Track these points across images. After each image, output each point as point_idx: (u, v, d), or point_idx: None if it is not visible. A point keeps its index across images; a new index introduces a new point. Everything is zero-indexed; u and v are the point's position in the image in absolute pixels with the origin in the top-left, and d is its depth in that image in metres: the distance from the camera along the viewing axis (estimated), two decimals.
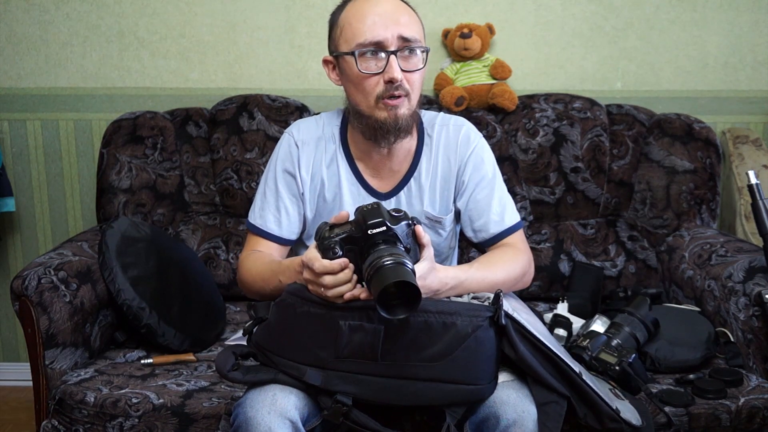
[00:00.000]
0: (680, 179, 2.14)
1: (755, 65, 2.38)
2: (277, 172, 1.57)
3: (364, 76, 1.43)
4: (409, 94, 1.44)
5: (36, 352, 1.66)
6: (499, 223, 1.56)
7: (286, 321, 1.31)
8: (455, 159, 1.57)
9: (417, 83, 1.46)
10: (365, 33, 1.41)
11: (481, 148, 1.60)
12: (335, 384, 1.27)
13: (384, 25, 1.41)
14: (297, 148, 1.56)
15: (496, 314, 1.27)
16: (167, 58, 2.40)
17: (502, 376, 1.34)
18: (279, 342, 1.32)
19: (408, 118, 1.46)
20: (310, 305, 1.28)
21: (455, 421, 1.28)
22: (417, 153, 1.57)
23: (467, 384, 1.28)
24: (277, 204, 1.56)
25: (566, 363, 1.31)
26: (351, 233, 1.26)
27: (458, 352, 1.26)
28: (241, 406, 1.28)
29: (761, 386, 1.61)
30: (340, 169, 1.56)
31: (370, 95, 1.44)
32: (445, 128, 1.59)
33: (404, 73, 1.42)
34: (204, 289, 1.99)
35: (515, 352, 1.29)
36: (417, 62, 1.44)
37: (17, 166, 2.45)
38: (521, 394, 1.30)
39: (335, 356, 1.26)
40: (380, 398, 1.27)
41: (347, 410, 1.26)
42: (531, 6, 2.36)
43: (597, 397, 1.31)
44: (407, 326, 1.25)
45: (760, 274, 1.72)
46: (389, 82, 1.42)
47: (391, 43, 1.41)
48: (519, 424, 1.26)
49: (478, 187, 1.57)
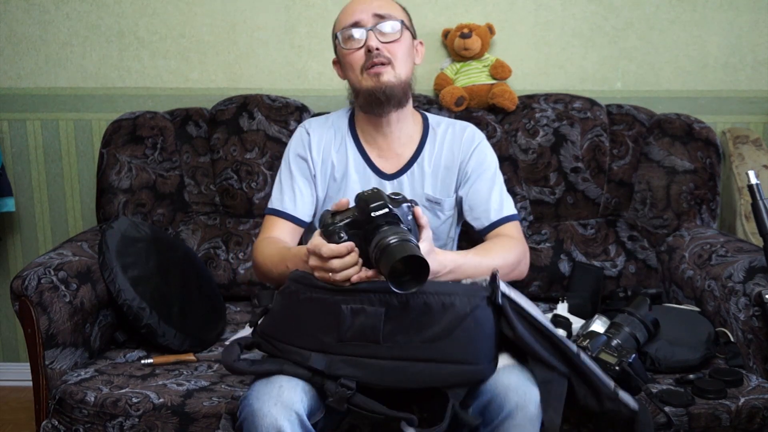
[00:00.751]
0: (680, 179, 2.14)
1: (755, 65, 2.38)
2: (291, 159, 1.72)
3: (348, 52, 1.63)
4: (392, 62, 1.60)
5: (36, 352, 1.66)
6: (497, 211, 1.68)
7: (290, 308, 1.34)
8: (459, 152, 1.71)
9: (399, 53, 1.62)
10: (346, 19, 1.64)
11: (486, 146, 1.75)
12: (339, 368, 1.29)
13: (360, 9, 1.62)
14: (308, 135, 1.73)
15: (494, 294, 1.31)
16: (167, 58, 2.40)
17: (504, 360, 1.36)
18: (283, 329, 1.34)
19: (395, 86, 1.60)
20: (313, 291, 1.31)
21: (458, 402, 1.30)
22: (422, 141, 1.73)
23: (467, 364, 1.30)
24: (292, 186, 1.70)
25: (564, 343, 1.33)
26: (354, 218, 1.31)
27: (458, 332, 1.28)
28: (247, 399, 1.30)
29: (761, 386, 1.61)
30: (348, 151, 1.71)
31: (356, 68, 1.62)
32: (451, 127, 1.76)
33: (383, 44, 1.60)
34: (204, 289, 1.99)
35: (513, 331, 1.32)
36: (394, 34, 1.61)
37: (17, 166, 2.45)
38: (523, 377, 1.32)
39: (338, 340, 1.29)
40: (384, 381, 1.29)
41: (351, 395, 1.28)
42: (531, 6, 2.36)
43: (595, 377, 1.33)
44: (407, 308, 1.27)
45: (760, 274, 1.72)
46: (368, 52, 1.59)
47: (367, 21, 1.61)
48: (522, 407, 1.28)
49: (480, 178, 1.70)
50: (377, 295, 1.27)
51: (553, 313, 1.81)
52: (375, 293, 1.27)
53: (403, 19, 1.64)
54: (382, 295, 1.27)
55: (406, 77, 1.63)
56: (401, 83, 1.62)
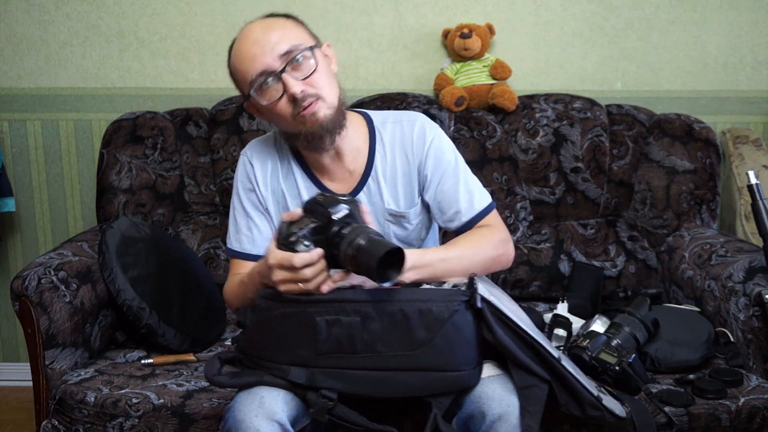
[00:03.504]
0: (680, 179, 2.14)
1: (755, 65, 2.38)
2: (240, 193, 1.59)
3: (270, 106, 1.46)
4: (320, 96, 1.45)
5: (36, 352, 1.66)
6: (469, 209, 1.55)
7: (264, 324, 1.33)
8: (413, 155, 1.57)
9: (322, 82, 1.46)
10: (249, 68, 1.45)
11: (439, 138, 1.58)
12: (320, 380, 1.28)
13: (261, 52, 1.43)
14: (252, 167, 1.59)
15: (472, 298, 1.28)
16: (167, 58, 2.40)
17: (487, 371, 1.34)
18: (260, 345, 1.33)
19: (332, 116, 1.46)
20: (285, 306, 1.29)
21: (442, 412, 1.28)
22: (371, 152, 1.58)
23: (450, 371, 1.28)
24: (248, 224, 1.58)
25: (545, 348, 1.31)
26: (315, 224, 1.29)
27: (437, 339, 1.26)
28: (231, 410, 1.29)
29: (761, 386, 1.61)
30: (297, 179, 1.58)
31: (286, 117, 1.46)
32: (398, 125, 1.59)
33: (303, 81, 1.43)
34: (204, 289, 1.99)
35: (493, 336, 1.29)
36: (309, 66, 1.45)
37: (17, 166, 2.45)
38: (506, 388, 1.30)
39: (316, 353, 1.27)
40: (365, 391, 1.28)
41: (332, 405, 1.27)
42: (531, 6, 2.36)
43: (577, 383, 1.31)
44: (384, 316, 1.26)
45: (760, 274, 1.72)
46: (294, 100, 1.43)
47: (274, 64, 1.43)
48: (504, 418, 1.26)
49: (443, 178, 1.56)
50: (351, 304, 1.26)
51: (553, 313, 1.80)
52: (348, 303, 1.26)
53: (309, 43, 1.47)
54: (356, 304, 1.26)
55: (337, 99, 1.49)
56: (336, 109, 1.47)
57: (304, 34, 1.50)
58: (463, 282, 1.36)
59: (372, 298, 1.27)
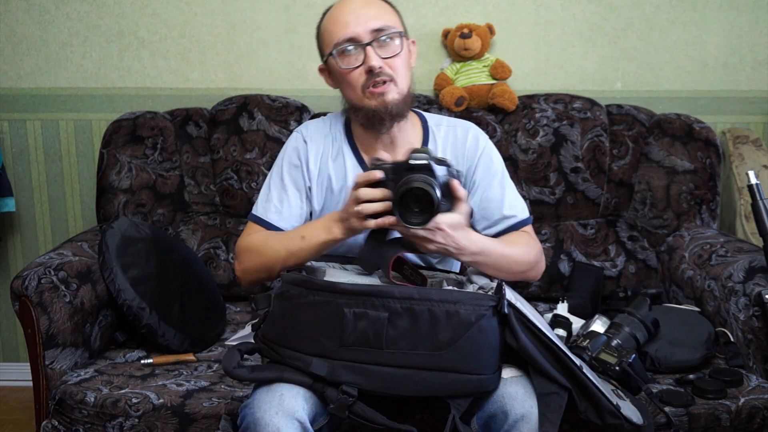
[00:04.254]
0: (680, 179, 2.14)
1: (755, 65, 2.38)
2: (284, 167, 1.64)
3: (346, 71, 1.53)
4: (394, 79, 1.52)
5: (36, 352, 1.66)
6: (512, 217, 1.61)
7: (290, 311, 1.32)
8: (464, 159, 1.63)
9: (400, 67, 1.53)
10: (339, 32, 1.52)
11: (490, 148, 1.66)
12: (341, 374, 1.27)
13: (355, 22, 1.51)
14: (305, 144, 1.64)
15: (499, 303, 1.29)
16: (167, 58, 2.40)
17: (509, 372, 1.34)
18: (284, 333, 1.33)
19: (399, 102, 1.53)
20: (315, 294, 1.29)
21: (460, 413, 1.28)
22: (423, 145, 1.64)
23: (471, 374, 1.28)
24: (280, 196, 1.62)
25: (567, 355, 1.32)
26: (395, 164, 1.36)
27: (462, 342, 1.26)
28: (249, 407, 1.28)
29: (761, 386, 1.61)
30: (346, 161, 1.62)
31: (356, 87, 1.53)
32: (453, 129, 1.66)
33: (384, 60, 1.51)
34: (204, 289, 1.99)
35: (517, 341, 1.30)
36: (394, 48, 1.52)
37: (17, 166, 2.45)
38: (528, 389, 1.31)
39: (340, 344, 1.27)
40: (386, 388, 1.28)
41: (352, 402, 1.27)
42: (531, 6, 2.36)
43: (598, 392, 1.31)
44: (411, 314, 1.26)
45: (760, 274, 1.72)
46: (369, 72, 1.50)
47: (363, 36, 1.51)
48: (527, 419, 1.27)
49: (490, 185, 1.62)
50: (380, 299, 1.26)
51: (553, 313, 1.80)
52: (378, 297, 1.26)
53: (400, 29, 1.55)
54: (385, 300, 1.26)
55: (408, 89, 1.56)
56: (404, 97, 1.54)
57: (397, 20, 1.58)
58: (490, 286, 1.37)
59: (401, 295, 1.27)
